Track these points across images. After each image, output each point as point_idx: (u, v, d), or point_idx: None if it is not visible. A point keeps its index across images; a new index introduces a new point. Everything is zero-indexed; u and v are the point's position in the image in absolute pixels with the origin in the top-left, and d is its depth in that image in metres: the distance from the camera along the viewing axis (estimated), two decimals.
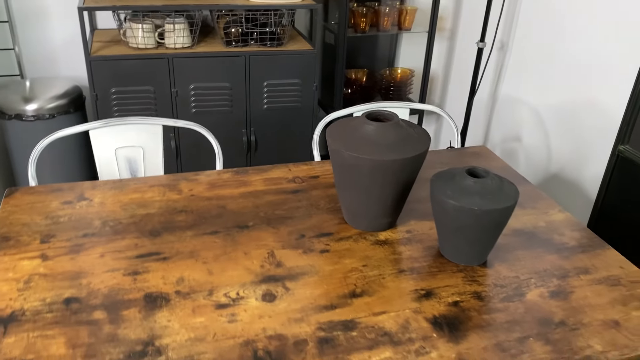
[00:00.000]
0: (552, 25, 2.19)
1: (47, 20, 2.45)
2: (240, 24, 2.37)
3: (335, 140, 1.22)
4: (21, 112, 2.17)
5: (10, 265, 1.14)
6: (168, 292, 1.09)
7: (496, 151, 2.62)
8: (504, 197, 1.14)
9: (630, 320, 1.09)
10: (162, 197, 1.41)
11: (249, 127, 2.48)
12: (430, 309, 1.09)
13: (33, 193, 1.39)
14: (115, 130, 1.56)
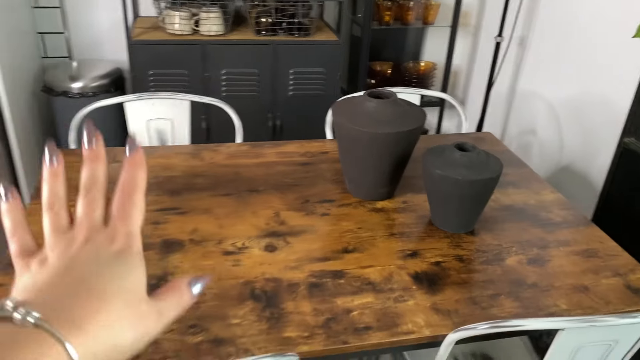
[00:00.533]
0: (568, 21, 2.26)
1: (95, 6, 2.65)
2: (270, 14, 2.51)
3: (339, 115, 1.35)
4: (67, 90, 2.37)
5: None
6: (183, 240, 1.24)
7: (512, 144, 2.69)
8: (488, 169, 1.25)
9: (599, 287, 1.18)
10: (185, 163, 1.57)
11: (275, 112, 2.63)
12: (414, 266, 1.21)
13: (73, 154, 1.57)
14: (147, 103, 1.73)
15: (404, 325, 1.04)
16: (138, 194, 0.41)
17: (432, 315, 1.07)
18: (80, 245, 0.38)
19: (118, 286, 0.36)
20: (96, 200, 0.40)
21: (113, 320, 0.35)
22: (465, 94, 3.14)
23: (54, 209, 0.40)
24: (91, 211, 0.40)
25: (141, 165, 0.42)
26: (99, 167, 0.42)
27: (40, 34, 2.65)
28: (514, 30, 2.52)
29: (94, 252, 0.37)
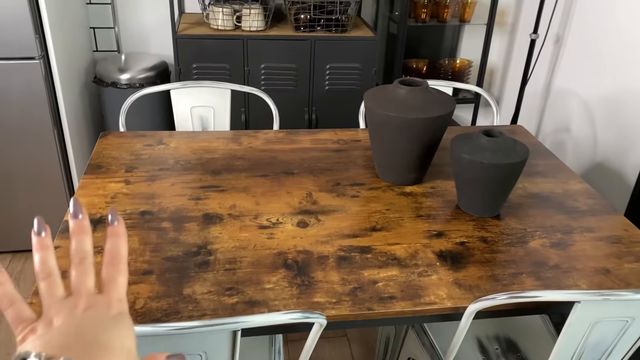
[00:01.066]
0: (603, 19, 2.26)
1: (143, 3, 2.79)
2: (309, 11, 2.60)
3: (370, 101, 1.42)
4: (116, 81, 2.51)
5: (101, 185, 1.42)
6: (222, 214, 1.33)
7: (547, 141, 2.70)
8: (514, 154, 1.29)
9: (620, 270, 1.21)
10: (226, 147, 1.66)
11: (311, 106, 2.71)
12: (439, 245, 1.27)
13: (122, 137, 1.68)
14: (191, 91, 1.84)
15: (427, 297, 1.10)
16: (122, 263, 0.49)
17: (454, 289, 1.13)
18: (82, 310, 0.44)
19: (121, 344, 0.43)
20: (87, 272, 0.47)
21: None
22: (501, 92, 3.15)
23: (50, 278, 0.46)
24: (84, 280, 0.47)
25: (122, 235, 0.50)
26: (86, 239, 0.48)
27: (92, 28, 2.80)
28: (550, 27, 2.54)
29: (96, 317, 0.44)
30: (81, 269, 0.47)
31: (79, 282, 0.46)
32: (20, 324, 0.44)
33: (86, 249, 0.48)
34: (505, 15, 3.00)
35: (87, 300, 0.45)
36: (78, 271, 0.47)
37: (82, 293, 0.46)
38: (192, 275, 1.12)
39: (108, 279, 0.48)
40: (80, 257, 0.48)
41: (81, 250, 0.48)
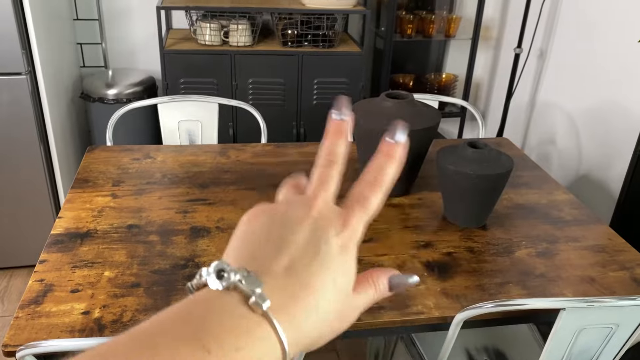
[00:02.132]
0: (586, 33, 2.31)
1: (130, 19, 2.80)
2: (296, 27, 2.62)
3: (358, 114, 1.43)
4: (103, 96, 2.51)
5: (87, 199, 1.42)
6: (210, 227, 1.33)
7: (532, 154, 2.73)
8: (499, 165, 1.31)
9: (605, 279, 1.23)
10: (213, 160, 1.66)
11: (299, 120, 2.73)
12: (426, 255, 1.27)
13: (109, 151, 1.68)
14: (179, 105, 1.84)
15: (415, 307, 1.11)
16: (382, 189, 0.39)
17: (442, 299, 1.13)
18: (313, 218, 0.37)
19: (334, 281, 0.35)
20: (332, 178, 0.40)
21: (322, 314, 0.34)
22: (487, 106, 3.19)
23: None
24: (325, 185, 0.39)
25: (396, 160, 0.40)
26: (341, 142, 0.41)
27: (80, 44, 2.80)
28: (533, 42, 2.58)
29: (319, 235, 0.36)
30: (326, 172, 0.39)
31: (318, 185, 0.39)
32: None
33: (338, 152, 0.40)
34: (489, 30, 3.05)
35: (320, 209, 0.37)
36: (322, 173, 0.39)
37: (318, 198, 0.38)
38: (180, 287, 1.12)
39: (358, 194, 0.39)
40: (329, 159, 0.40)
41: (333, 152, 0.40)
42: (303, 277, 0.34)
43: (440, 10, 2.90)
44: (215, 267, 0.32)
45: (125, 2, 2.77)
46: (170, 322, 0.30)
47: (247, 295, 0.31)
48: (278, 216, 0.38)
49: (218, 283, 0.32)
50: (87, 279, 1.13)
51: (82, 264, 1.18)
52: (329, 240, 0.36)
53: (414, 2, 2.94)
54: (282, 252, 0.35)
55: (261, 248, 0.35)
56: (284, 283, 0.33)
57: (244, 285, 0.31)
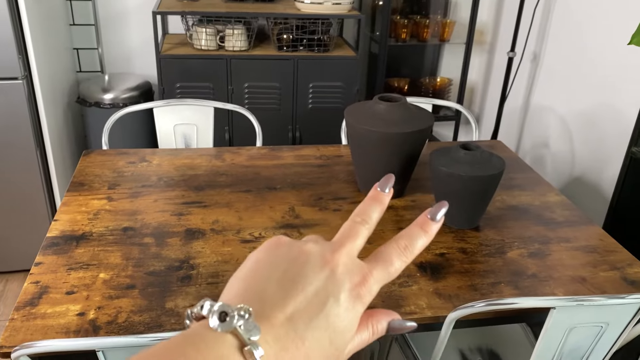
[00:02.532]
0: (578, 37, 2.33)
1: (127, 25, 2.82)
2: (291, 31, 2.64)
3: (351, 116, 1.45)
4: (99, 101, 2.52)
5: (83, 202, 1.43)
6: (204, 229, 1.34)
7: (526, 157, 2.75)
8: (491, 167, 1.32)
9: (596, 278, 1.24)
10: (209, 163, 1.67)
11: (295, 124, 2.74)
12: (419, 256, 1.28)
13: (105, 154, 1.69)
14: (174, 109, 1.85)
15: (407, 307, 1.12)
16: (409, 258, 0.41)
17: (434, 299, 1.15)
18: (332, 268, 0.37)
19: (330, 340, 0.35)
20: (361, 233, 0.41)
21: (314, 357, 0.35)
22: (482, 109, 3.21)
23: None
24: (350, 239, 0.40)
25: (429, 235, 0.42)
26: (376, 207, 0.42)
27: (76, 49, 2.82)
28: (526, 46, 2.61)
29: (334, 289, 0.36)
30: (356, 227, 0.41)
31: (347, 235, 0.40)
32: None
33: (371, 215, 0.42)
34: (483, 35, 3.07)
35: (343, 259, 0.38)
36: (352, 227, 0.41)
37: (344, 248, 0.39)
38: (175, 289, 1.13)
39: (386, 255, 0.40)
40: (362, 217, 0.41)
41: (367, 213, 0.42)
42: (300, 330, 0.34)
43: (435, 14, 2.93)
44: (220, 308, 0.33)
45: (121, 8, 2.79)
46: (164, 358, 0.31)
47: (243, 342, 0.32)
48: (298, 254, 0.38)
49: (218, 325, 0.33)
50: (83, 281, 1.14)
51: (78, 266, 1.19)
52: (339, 297, 0.36)
53: (409, 7, 2.97)
54: (289, 300, 0.35)
55: (270, 288, 0.36)
56: (280, 333, 0.34)
57: (242, 331, 0.32)
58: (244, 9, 2.61)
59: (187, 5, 2.61)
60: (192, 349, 0.31)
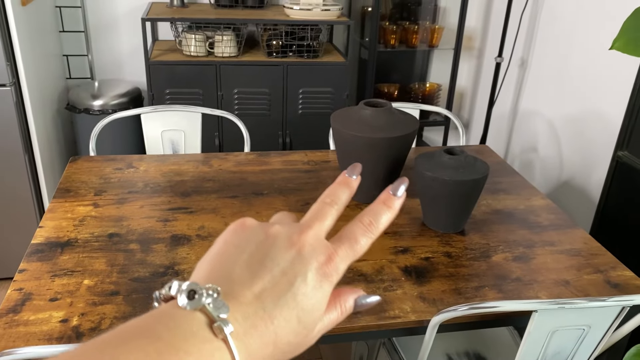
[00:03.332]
0: (564, 42, 2.36)
1: (116, 31, 2.82)
2: (281, 37, 2.65)
3: (337, 122, 1.45)
4: (89, 107, 2.52)
5: (69, 209, 1.43)
6: (190, 235, 1.34)
7: (515, 162, 2.76)
8: (475, 171, 1.33)
9: (580, 281, 1.25)
10: (196, 169, 1.68)
11: (285, 129, 2.75)
12: (404, 261, 1.29)
13: (92, 161, 1.69)
14: (162, 115, 1.85)
15: (392, 311, 1.12)
16: (374, 230, 0.41)
17: (419, 303, 1.15)
18: (298, 249, 0.38)
19: (298, 318, 0.36)
20: (330, 215, 0.41)
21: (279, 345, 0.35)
22: (471, 114, 3.23)
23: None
24: (318, 220, 0.40)
25: (392, 210, 0.42)
26: (345, 191, 0.43)
27: (66, 56, 2.82)
28: (514, 51, 2.63)
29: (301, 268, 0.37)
30: (325, 209, 0.41)
31: (314, 216, 0.40)
32: None
33: (340, 197, 0.42)
34: (472, 40, 3.10)
35: (309, 240, 0.38)
36: (320, 208, 0.41)
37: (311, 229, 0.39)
38: None
39: (350, 233, 0.40)
40: (330, 199, 0.42)
41: (335, 194, 0.42)
42: (269, 309, 0.35)
43: (424, 20, 2.95)
44: (188, 286, 0.33)
45: (111, 14, 2.79)
46: (134, 335, 0.31)
47: (212, 319, 0.32)
48: (265, 237, 0.38)
49: (187, 303, 0.33)
50: (67, 288, 1.14)
51: (62, 272, 1.18)
52: (307, 276, 0.36)
53: (398, 13, 2.99)
54: (256, 280, 0.36)
55: (238, 269, 0.36)
56: (249, 311, 0.34)
57: (211, 309, 0.33)
58: (233, 15, 2.62)
59: (177, 12, 2.62)
60: (161, 327, 0.31)
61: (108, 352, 0.29)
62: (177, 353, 0.30)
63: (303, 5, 2.57)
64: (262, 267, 0.36)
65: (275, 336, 0.35)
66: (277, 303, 0.35)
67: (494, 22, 2.93)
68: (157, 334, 0.31)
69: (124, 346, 0.30)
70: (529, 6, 2.53)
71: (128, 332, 0.31)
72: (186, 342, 0.31)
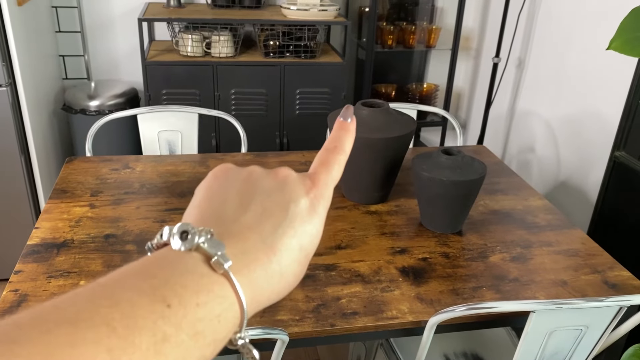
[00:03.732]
0: (561, 42, 2.36)
1: (113, 32, 2.81)
2: (278, 38, 2.65)
3: (334, 122, 1.45)
4: (85, 108, 2.51)
5: (65, 209, 1.42)
6: None
7: (512, 163, 2.76)
8: (472, 171, 1.33)
9: (577, 282, 1.25)
10: (192, 170, 1.67)
11: (282, 130, 2.74)
12: (402, 261, 1.29)
13: (88, 161, 1.68)
14: (158, 115, 1.85)
15: (389, 312, 1.12)
16: (341, 155, 0.41)
17: (416, 304, 1.15)
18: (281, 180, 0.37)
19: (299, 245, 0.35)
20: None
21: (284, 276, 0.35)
22: (468, 115, 3.23)
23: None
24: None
25: (350, 132, 0.42)
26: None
27: (62, 56, 2.81)
28: (511, 51, 2.63)
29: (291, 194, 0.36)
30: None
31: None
32: None
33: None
34: (469, 41, 3.10)
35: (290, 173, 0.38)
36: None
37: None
38: None
39: (320, 160, 0.40)
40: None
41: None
42: (269, 241, 0.34)
43: (421, 21, 2.95)
44: (179, 228, 0.33)
45: (107, 15, 2.78)
46: (130, 277, 0.30)
47: (209, 256, 0.31)
48: (249, 175, 0.38)
49: (181, 244, 0.32)
50: (63, 289, 1.13)
51: (58, 273, 1.18)
52: (298, 201, 0.36)
53: (395, 13, 2.98)
54: (249, 213, 0.35)
55: (227, 207, 0.35)
56: (247, 245, 0.33)
57: (207, 247, 0.32)
58: (230, 15, 2.62)
59: (173, 12, 2.62)
60: (154, 267, 0.30)
61: (106, 294, 0.28)
62: (172, 287, 0.29)
63: (300, 5, 2.56)
64: (252, 201, 0.36)
65: (279, 267, 0.34)
66: (275, 233, 0.35)
67: (491, 23, 2.93)
68: (151, 272, 0.30)
69: (119, 285, 0.29)
70: (526, 6, 2.53)
71: (122, 273, 0.30)
72: (182, 277, 0.30)
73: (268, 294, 0.34)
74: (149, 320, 0.27)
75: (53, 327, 0.26)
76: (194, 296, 0.30)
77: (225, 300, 0.31)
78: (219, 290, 0.31)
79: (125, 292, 0.28)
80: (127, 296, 0.28)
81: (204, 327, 0.30)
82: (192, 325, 0.29)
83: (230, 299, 0.31)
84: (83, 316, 0.27)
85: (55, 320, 0.26)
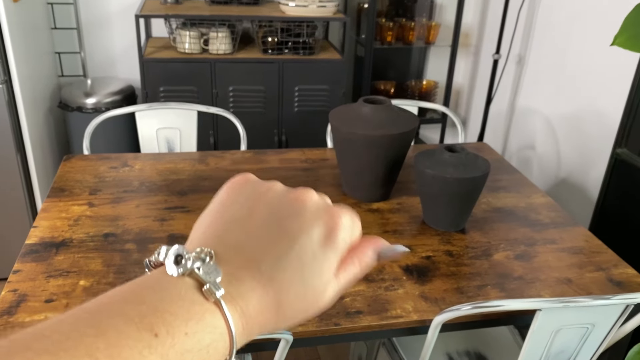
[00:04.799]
0: (562, 39, 2.35)
1: (109, 28, 2.79)
2: (276, 34, 2.63)
3: (336, 119, 1.43)
4: (82, 105, 2.48)
5: (64, 208, 1.40)
6: (187, 234, 1.31)
7: (513, 160, 2.75)
8: (476, 168, 1.32)
9: (582, 280, 1.24)
10: (192, 167, 1.65)
11: (280, 127, 2.72)
12: (405, 260, 1.27)
13: (86, 159, 1.66)
14: (157, 113, 1.83)
15: (393, 311, 1.11)
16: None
17: (421, 302, 1.13)
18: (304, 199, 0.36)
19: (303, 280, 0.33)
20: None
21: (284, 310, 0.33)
22: (468, 112, 3.22)
23: None
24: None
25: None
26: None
27: (58, 53, 2.78)
28: (511, 48, 2.61)
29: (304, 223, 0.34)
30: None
31: None
32: None
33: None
34: (469, 37, 3.08)
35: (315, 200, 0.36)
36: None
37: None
38: None
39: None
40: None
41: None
42: (268, 271, 0.32)
43: (420, 17, 2.93)
44: (174, 251, 0.32)
45: (103, 11, 2.76)
46: (119, 302, 0.29)
47: (202, 282, 0.30)
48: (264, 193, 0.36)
49: (174, 269, 0.31)
50: (62, 289, 1.11)
51: (57, 273, 1.16)
52: (311, 232, 0.34)
53: (394, 10, 2.97)
54: (252, 238, 0.33)
55: (232, 227, 0.34)
56: (243, 274, 0.32)
57: (201, 273, 0.31)
58: (228, 11, 2.60)
59: (171, 9, 2.59)
60: (145, 291, 0.30)
61: (92, 321, 0.27)
62: (162, 315, 0.28)
63: (299, 1, 2.54)
64: (261, 224, 0.34)
65: (277, 300, 0.32)
66: (277, 263, 0.33)
67: (491, 19, 2.91)
68: (140, 298, 0.29)
69: (105, 312, 0.28)
70: (526, 2, 2.52)
71: (110, 297, 0.29)
72: (172, 304, 0.29)
73: (264, 327, 0.33)
74: (135, 351, 0.27)
75: (33, 356, 0.25)
76: (183, 325, 0.29)
77: (215, 330, 0.30)
78: (210, 319, 0.30)
79: (111, 319, 0.27)
80: (113, 323, 0.27)
81: (192, 358, 0.29)
82: (180, 356, 0.28)
83: (221, 329, 0.30)
84: (66, 345, 0.26)
85: (37, 350, 0.25)
